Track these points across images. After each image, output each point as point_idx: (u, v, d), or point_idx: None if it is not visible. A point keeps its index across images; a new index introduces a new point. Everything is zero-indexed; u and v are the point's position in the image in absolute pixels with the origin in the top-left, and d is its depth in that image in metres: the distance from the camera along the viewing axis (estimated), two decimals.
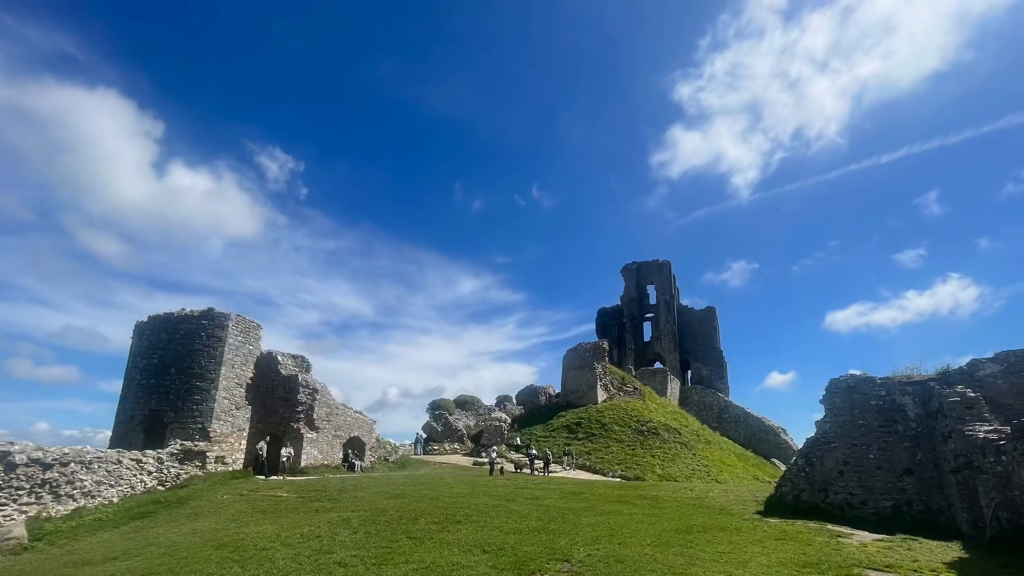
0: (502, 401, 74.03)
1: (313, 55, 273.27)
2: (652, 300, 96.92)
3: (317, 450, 37.91)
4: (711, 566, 13.82)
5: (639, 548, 15.42)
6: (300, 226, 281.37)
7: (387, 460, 47.06)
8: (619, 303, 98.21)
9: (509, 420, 62.25)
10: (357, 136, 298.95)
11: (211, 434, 32.12)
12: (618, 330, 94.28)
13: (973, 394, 20.47)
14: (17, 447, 20.87)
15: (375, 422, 45.82)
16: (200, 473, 29.84)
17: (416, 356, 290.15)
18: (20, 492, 20.49)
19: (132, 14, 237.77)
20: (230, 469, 32.66)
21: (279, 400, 36.88)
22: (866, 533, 18.98)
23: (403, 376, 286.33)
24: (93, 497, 23.15)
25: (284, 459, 34.18)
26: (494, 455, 43.76)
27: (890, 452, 22.64)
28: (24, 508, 20.35)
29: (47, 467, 21.52)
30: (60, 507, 21.51)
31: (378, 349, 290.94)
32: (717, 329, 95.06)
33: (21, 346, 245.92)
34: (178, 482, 27.92)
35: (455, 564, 13.43)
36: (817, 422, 24.68)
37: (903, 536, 18.32)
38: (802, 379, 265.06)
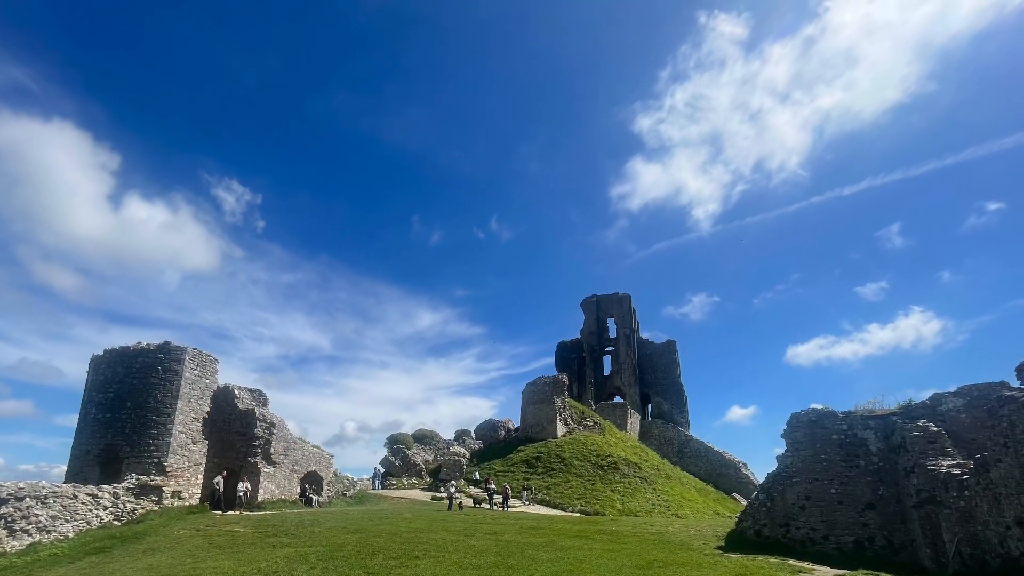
0: (461, 435, 73.50)
1: (270, 87, 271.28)
2: (612, 334, 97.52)
3: (274, 485, 37.15)
4: None
5: None
6: (257, 259, 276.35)
7: (345, 495, 46.36)
8: (579, 337, 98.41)
9: (468, 454, 61.68)
10: (315, 168, 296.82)
11: (167, 469, 31.28)
12: (578, 364, 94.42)
13: (935, 428, 20.93)
14: None
15: (333, 457, 45.88)
16: (156, 508, 29.25)
17: (374, 390, 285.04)
18: None
19: (88, 46, 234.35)
20: (186, 504, 31.84)
21: (236, 434, 36.20)
22: (828, 568, 19.27)
23: (361, 410, 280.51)
24: (48, 532, 22.96)
25: (241, 494, 33.52)
26: (453, 490, 43.53)
27: (852, 487, 23.00)
28: None
29: (2, 502, 21.45)
30: (15, 542, 21.42)
31: (336, 383, 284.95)
32: (678, 363, 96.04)
33: None
34: (134, 517, 27.40)
35: None
36: (778, 456, 25.00)
37: (865, 571, 18.65)
38: (763, 413, 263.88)
